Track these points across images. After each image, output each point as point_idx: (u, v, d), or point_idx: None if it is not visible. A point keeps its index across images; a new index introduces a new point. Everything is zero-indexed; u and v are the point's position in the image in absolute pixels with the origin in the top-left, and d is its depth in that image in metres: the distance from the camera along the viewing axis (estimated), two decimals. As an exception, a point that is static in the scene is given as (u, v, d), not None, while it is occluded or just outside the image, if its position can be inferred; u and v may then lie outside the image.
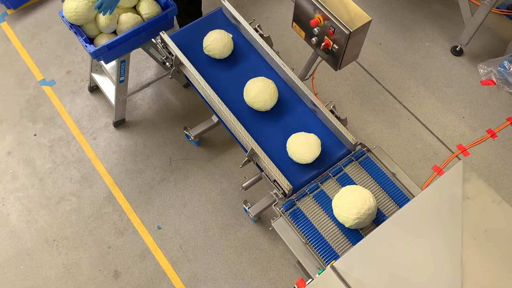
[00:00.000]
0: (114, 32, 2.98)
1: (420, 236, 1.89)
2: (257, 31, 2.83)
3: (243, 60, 2.79)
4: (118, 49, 2.90)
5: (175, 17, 3.44)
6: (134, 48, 3.02)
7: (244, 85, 2.63)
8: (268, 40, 2.82)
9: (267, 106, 2.56)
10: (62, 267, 3.06)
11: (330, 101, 2.72)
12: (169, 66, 2.78)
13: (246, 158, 2.50)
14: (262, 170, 2.52)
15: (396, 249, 1.87)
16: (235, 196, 3.32)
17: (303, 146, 2.39)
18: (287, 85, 2.72)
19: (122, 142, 3.50)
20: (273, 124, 2.61)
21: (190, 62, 2.67)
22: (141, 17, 2.99)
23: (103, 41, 2.90)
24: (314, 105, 2.58)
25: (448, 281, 1.78)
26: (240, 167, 2.54)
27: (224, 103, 2.56)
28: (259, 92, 2.52)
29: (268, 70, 2.76)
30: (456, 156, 3.47)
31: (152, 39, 3.08)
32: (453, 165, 2.09)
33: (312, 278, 2.15)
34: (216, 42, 2.67)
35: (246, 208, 3.11)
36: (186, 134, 3.39)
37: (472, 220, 1.90)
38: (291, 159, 2.48)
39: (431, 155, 3.47)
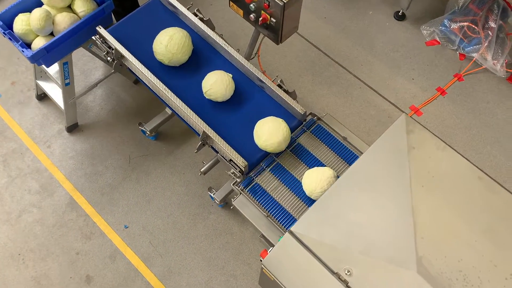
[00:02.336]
0: (52, 34, 2.91)
1: (371, 190, 1.94)
2: (196, 15, 2.81)
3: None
4: (58, 50, 2.83)
5: (114, 16, 3.39)
6: (74, 48, 2.96)
7: (194, 74, 2.62)
8: (208, 23, 2.81)
9: (281, 147, 2.41)
10: (31, 280, 2.99)
11: (277, 76, 2.73)
12: (111, 60, 2.74)
13: (200, 142, 2.49)
14: (217, 152, 2.52)
15: (349, 206, 1.91)
16: (199, 185, 3.31)
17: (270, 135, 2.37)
18: (234, 66, 2.72)
19: (78, 147, 3.43)
20: (221, 105, 2.61)
21: (132, 54, 2.63)
22: (78, 16, 2.93)
23: (40, 44, 2.82)
24: (261, 81, 2.59)
25: (402, 230, 1.84)
26: (196, 152, 2.54)
27: (171, 91, 2.54)
28: (269, 135, 2.38)
29: (212, 53, 2.76)
30: (410, 117, 3.55)
31: (93, 37, 3.01)
32: (396, 119, 2.14)
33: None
34: (217, 85, 2.49)
35: (212, 195, 3.10)
36: (142, 130, 3.34)
37: (419, 169, 1.96)
38: (244, 138, 2.49)
39: (386, 119, 3.55)
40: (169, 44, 2.56)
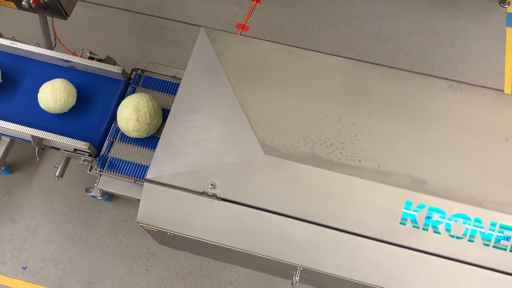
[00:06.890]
0: None
1: (201, 106, 1.98)
2: (-30, 29, 2.55)
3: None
4: None
5: None
6: None
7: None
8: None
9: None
10: None
11: (82, 49, 2.62)
12: None
13: (36, 147, 2.35)
14: (59, 149, 2.40)
15: (187, 130, 1.95)
16: (76, 192, 3.17)
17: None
18: (37, 61, 2.55)
19: None
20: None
21: None
22: None
23: None
24: (68, 61, 2.47)
25: (238, 126, 1.92)
26: (38, 160, 2.39)
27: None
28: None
29: (10, 59, 2.55)
30: (209, 28, 3.64)
31: None
32: (198, 35, 2.17)
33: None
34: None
35: (91, 194, 2.97)
36: (-11, 170, 3.06)
37: (232, 68, 2.04)
38: (78, 124, 2.40)
39: (220, 46, 3.61)
40: (139, 116, 2.22)
